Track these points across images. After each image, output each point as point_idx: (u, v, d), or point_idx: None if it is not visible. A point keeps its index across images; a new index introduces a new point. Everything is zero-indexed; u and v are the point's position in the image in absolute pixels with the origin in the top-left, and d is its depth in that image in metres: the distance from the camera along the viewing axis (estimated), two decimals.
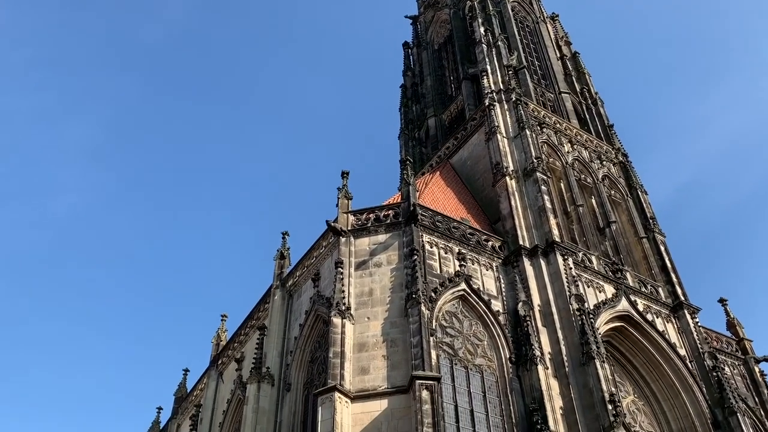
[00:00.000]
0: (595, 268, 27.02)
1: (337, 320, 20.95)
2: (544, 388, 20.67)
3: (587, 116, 37.29)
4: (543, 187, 27.43)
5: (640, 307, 26.57)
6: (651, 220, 31.79)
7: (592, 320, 23.10)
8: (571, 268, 24.75)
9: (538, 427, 19.71)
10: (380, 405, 19.12)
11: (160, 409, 41.54)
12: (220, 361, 32.58)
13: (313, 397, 21.33)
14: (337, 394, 18.88)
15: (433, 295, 21.86)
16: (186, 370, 38.52)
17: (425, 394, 18.20)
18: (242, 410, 24.76)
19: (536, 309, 23.30)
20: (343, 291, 21.81)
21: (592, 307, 24.29)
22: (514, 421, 20.35)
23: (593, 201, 31.54)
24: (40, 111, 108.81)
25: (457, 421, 19.81)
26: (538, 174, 27.87)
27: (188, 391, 36.78)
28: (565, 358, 21.91)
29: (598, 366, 21.21)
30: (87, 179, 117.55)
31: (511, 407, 20.66)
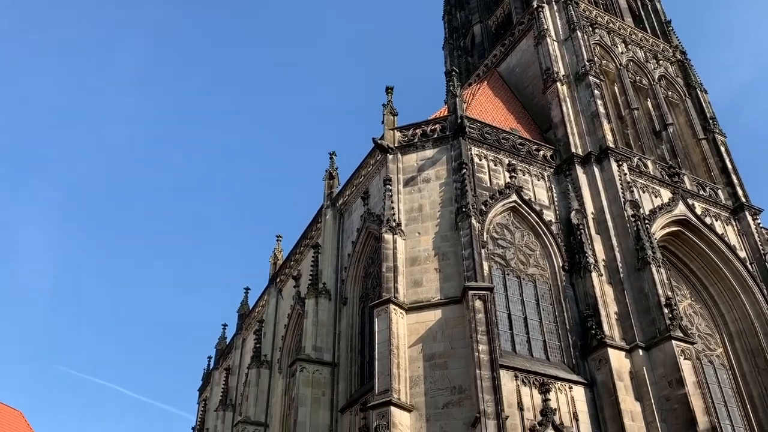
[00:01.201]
0: (651, 172, 26.26)
1: (388, 236, 21.23)
2: (598, 294, 20.70)
3: (642, 13, 35.13)
4: (596, 92, 26.37)
5: (698, 211, 25.88)
6: (710, 121, 30.38)
7: (647, 226, 22.69)
8: (625, 174, 24.13)
9: (593, 332, 19.92)
10: (434, 315, 19.60)
11: (225, 325, 43.86)
12: (278, 279, 33.83)
13: (369, 310, 22.02)
14: (392, 306, 19.41)
15: (483, 208, 21.77)
16: (247, 289, 40.25)
17: (478, 303, 18.52)
18: (302, 324, 25.87)
19: (590, 217, 22.99)
20: (393, 208, 21.95)
21: (647, 213, 23.82)
22: (568, 327, 20.61)
23: (649, 103, 30.25)
24: (93, 39, 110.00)
25: (511, 329, 20.20)
26: (590, 78, 26.74)
27: (250, 308, 38.56)
28: (619, 265, 21.76)
29: (654, 271, 21.01)
30: (142, 108, 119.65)
31: (565, 314, 20.88)
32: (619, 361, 19.42)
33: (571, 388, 19.08)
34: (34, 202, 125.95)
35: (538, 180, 24.15)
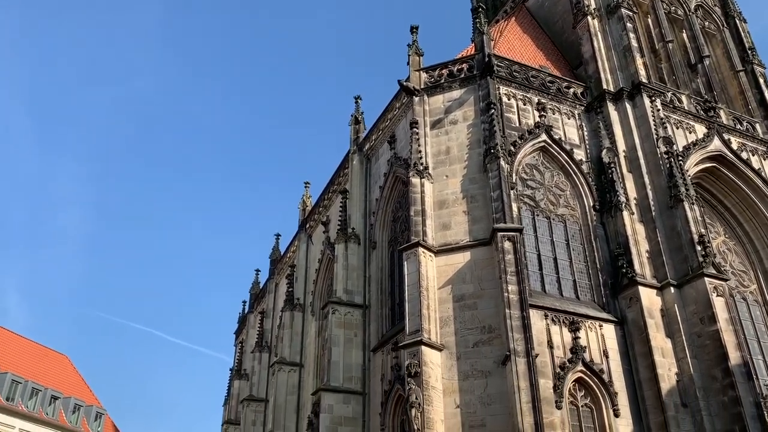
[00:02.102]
0: (686, 107, 25.47)
1: (415, 180, 21.17)
2: (629, 233, 20.51)
3: None
4: (628, 25, 25.40)
5: (734, 146, 25.17)
6: (749, 51, 29.14)
7: (681, 162, 22.19)
8: (658, 110, 23.45)
9: (624, 270, 19.84)
10: (463, 257, 19.69)
11: (258, 271, 44.84)
12: (307, 225, 34.22)
13: (398, 253, 22.22)
14: (420, 249, 19.54)
15: (512, 148, 21.48)
16: (278, 235, 40.90)
17: (507, 244, 18.53)
18: (333, 268, 26.28)
19: (621, 155, 22.55)
20: (420, 151, 21.79)
21: (681, 149, 23.24)
22: (598, 266, 20.56)
23: (684, 35, 29.05)
24: None
25: (541, 269, 20.23)
26: (622, 10, 25.70)
27: (281, 253, 39.25)
28: (651, 203, 21.45)
29: (687, 208, 20.68)
30: (164, 62, 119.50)
31: (596, 253, 20.79)
32: (650, 299, 19.40)
33: (601, 326, 19.19)
34: (66, 155, 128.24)
35: (569, 118, 23.64)
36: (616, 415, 17.85)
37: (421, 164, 21.44)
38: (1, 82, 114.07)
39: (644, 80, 23.95)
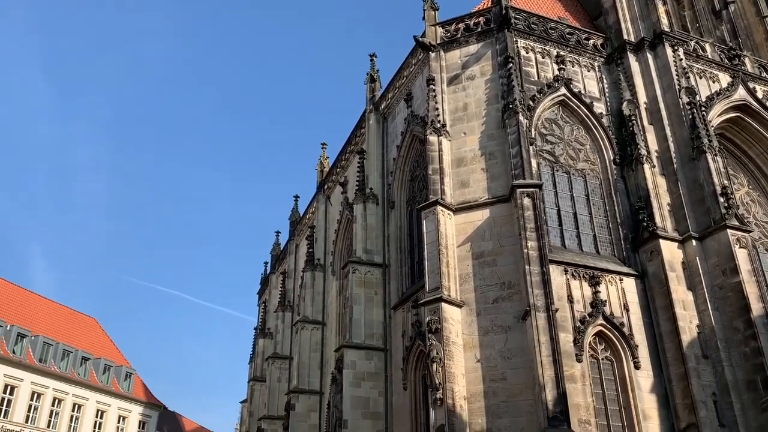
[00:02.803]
0: (709, 56, 24.79)
1: (433, 138, 21.02)
2: (650, 186, 20.29)
3: None
4: None
5: (759, 95, 24.52)
6: None
7: (703, 113, 21.73)
8: (681, 59, 22.87)
9: (645, 224, 19.71)
10: (482, 215, 19.67)
11: (278, 232, 45.31)
12: (325, 186, 34.32)
13: (416, 212, 22.24)
14: (439, 208, 19.54)
15: (531, 103, 21.16)
16: (296, 197, 41.15)
17: (527, 201, 18.44)
18: (352, 228, 26.45)
19: (642, 107, 22.13)
20: (437, 108, 21.57)
21: (704, 99, 22.72)
22: (619, 220, 20.44)
23: None
24: None
25: (560, 224, 20.18)
26: None
27: (300, 215, 39.53)
28: (673, 155, 21.14)
29: (710, 159, 20.36)
30: (181, 27, 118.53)
31: (616, 208, 20.64)
32: (671, 252, 19.30)
33: (621, 280, 19.19)
34: (84, 122, 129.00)
35: (588, 71, 23.18)
36: (637, 368, 18.00)
37: (439, 122, 21.25)
38: (18, 50, 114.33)
39: (666, 29, 23.30)
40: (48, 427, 41.79)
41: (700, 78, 23.83)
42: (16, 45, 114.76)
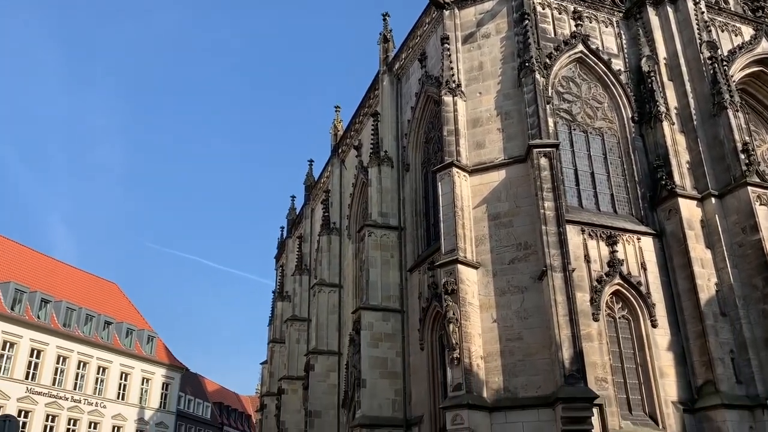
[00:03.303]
0: (732, 8, 24.07)
1: (448, 99, 20.76)
2: (669, 144, 19.97)
3: None
4: None
5: None
6: None
7: (725, 68, 21.19)
8: (702, 13, 22.24)
9: (663, 182, 19.48)
10: (498, 176, 19.51)
11: (293, 197, 45.55)
12: (340, 150, 34.22)
13: (432, 174, 22.16)
14: (454, 169, 19.41)
15: (547, 61, 20.74)
16: (311, 161, 41.17)
17: (543, 161, 18.24)
18: (367, 192, 26.43)
19: (662, 63, 21.64)
20: (452, 68, 21.23)
21: (725, 54, 22.15)
22: (636, 179, 20.21)
23: None
24: None
25: (578, 184, 20.00)
26: None
27: (315, 179, 39.59)
28: (693, 112, 20.74)
29: (731, 115, 19.94)
30: None
31: (634, 166, 20.39)
32: (689, 210, 19.10)
33: (639, 239, 19.08)
34: (98, 90, 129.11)
35: (606, 27, 22.63)
36: (654, 326, 18.03)
37: (453, 82, 20.96)
38: (31, 21, 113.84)
39: None
40: (74, 389, 43.02)
41: (722, 31, 23.20)
42: (29, 16, 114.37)
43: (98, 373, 45.40)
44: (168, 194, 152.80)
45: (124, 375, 47.69)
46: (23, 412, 38.46)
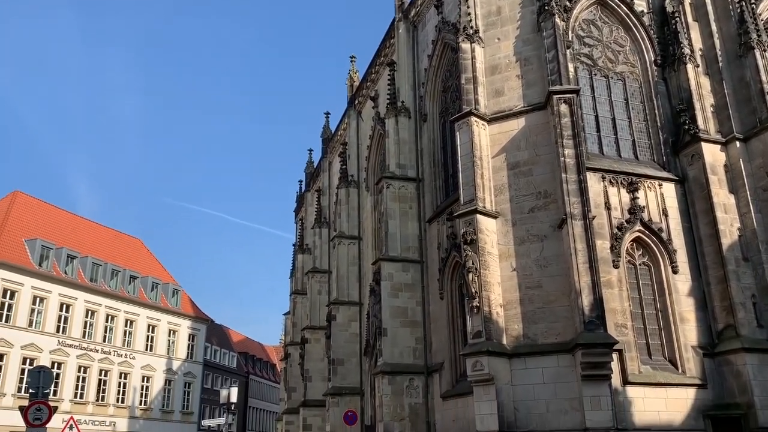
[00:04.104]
0: None
1: (465, 45, 20.32)
2: (693, 87, 19.47)
3: None
4: None
5: None
6: None
7: (753, 6, 20.45)
8: None
9: (686, 127, 19.10)
10: (517, 124, 19.26)
11: (311, 150, 45.52)
12: (356, 101, 33.90)
13: (449, 124, 21.93)
14: (473, 118, 19.17)
15: (567, 3, 20.10)
16: (327, 113, 40.93)
17: (563, 107, 17.92)
18: (384, 143, 26.30)
19: (686, 2, 20.87)
20: (469, 13, 20.70)
21: None
22: (659, 124, 19.83)
23: None
24: None
25: (598, 131, 19.68)
26: None
27: (332, 132, 39.42)
28: (718, 53, 20.13)
29: (758, 56, 19.32)
30: None
31: (656, 111, 19.98)
32: (713, 154, 18.77)
33: (660, 185, 18.85)
34: (115, 45, 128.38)
35: None
36: (675, 272, 17.99)
37: (471, 28, 20.47)
38: None
39: None
40: (104, 341, 44.38)
41: None
42: None
43: (126, 326, 46.68)
44: (187, 151, 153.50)
45: (151, 327, 49.00)
46: (56, 364, 39.87)
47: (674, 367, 17.20)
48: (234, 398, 25.78)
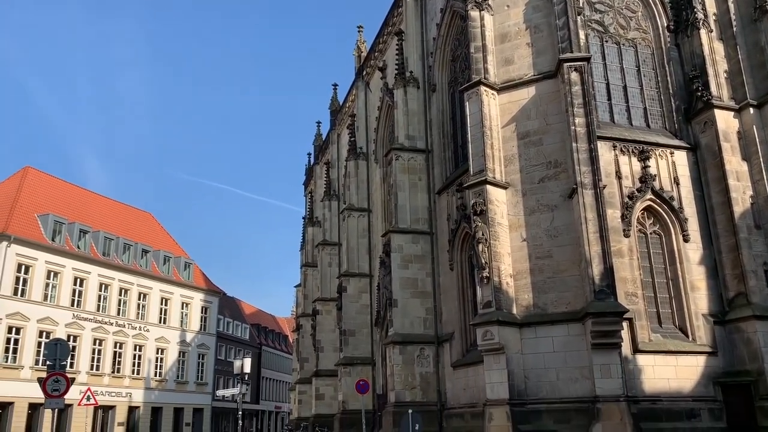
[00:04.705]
0: None
1: (474, 13, 20.02)
2: (706, 53, 19.13)
3: None
4: None
5: None
6: None
7: None
8: None
9: (699, 94, 18.84)
10: (527, 93, 19.05)
11: (319, 123, 45.35)
12: (364, 72, 33.61)
13: (459, 94, 21.72)
14: (482, 88, 18.98)
15: None
16: (335, 85, 40.62)
17: (574, 75, 17.69)
18: (393, 114, 26.14)
19: None
20: None
21: None
22: (671, 91, 19.56)
23: None
24: None
25: (609, 99, 19.46)
26: None
27: (340, 104, 39.17)
28: (732, 18, 19.73)
29: None
30: None
31: (668, 78, 19.69)
32: (726, 121, 18.53)
33: (672, 153, 18.68)
34: (119, 16, 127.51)
35: None
36: (686, 240, 17.93)
37: None
38: None
39: None
40: (118, 314, 44.97)
41: None
42: None
43: (139, 299, 47.24)
44: (195, 125, 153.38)
45: (164, 300, 49.56)
46: (72, 337, 40.50)
47: (684, 335, 17.26)
48: (247, 369, 26.13)
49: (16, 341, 37.28)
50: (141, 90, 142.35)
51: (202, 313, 53.57)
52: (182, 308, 51.43)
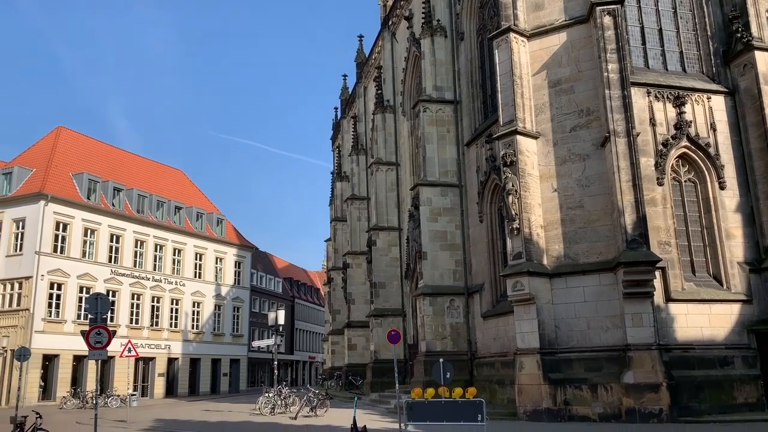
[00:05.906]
0: None
1: None
2: None
3: None
4: None
5: None
6: None
7: None
8: None
9: (738, 35, 18.09)
10: (559, 39, 18.51)
11: (345, 76, 44.88)
12: (390, 22, 33.00)
13: (488, 42, 21.25)
14: (512, 35, 18.50)
15: None
16: (360, 36, 40.01)
17: (607, 20, 17.11)
18: (420, 65, 25.72)
19: None
20: None
21: None
22: (709, 34, 18.82)
23: None
24: None
25: (644, 43, 18.82)
26: None
27: (366, 55, 38.64)
28: None
29: None
30: None
31: (706, 19, 18.91)
32: (767, 63, 17.81)
33: (709, 98, 18.10)
34: None
35: None
36: (722, 188, 17.54)
37: None
38: None
39: None
40: (154, 269, 46.14)
41: None
42: None
43: (174, 255, 48.31)
44: (222, 83, 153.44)
45: (198, 255, 50.62)
46: (110, 292, 41.79)
47: (719, 284, 17.06)
48: (281, 320, 26.80)
49: (59, 297, 38.63)
50: (166, 51, 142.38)
51: (235, 267, 54.64)
52: (216, 263, 52.50)
